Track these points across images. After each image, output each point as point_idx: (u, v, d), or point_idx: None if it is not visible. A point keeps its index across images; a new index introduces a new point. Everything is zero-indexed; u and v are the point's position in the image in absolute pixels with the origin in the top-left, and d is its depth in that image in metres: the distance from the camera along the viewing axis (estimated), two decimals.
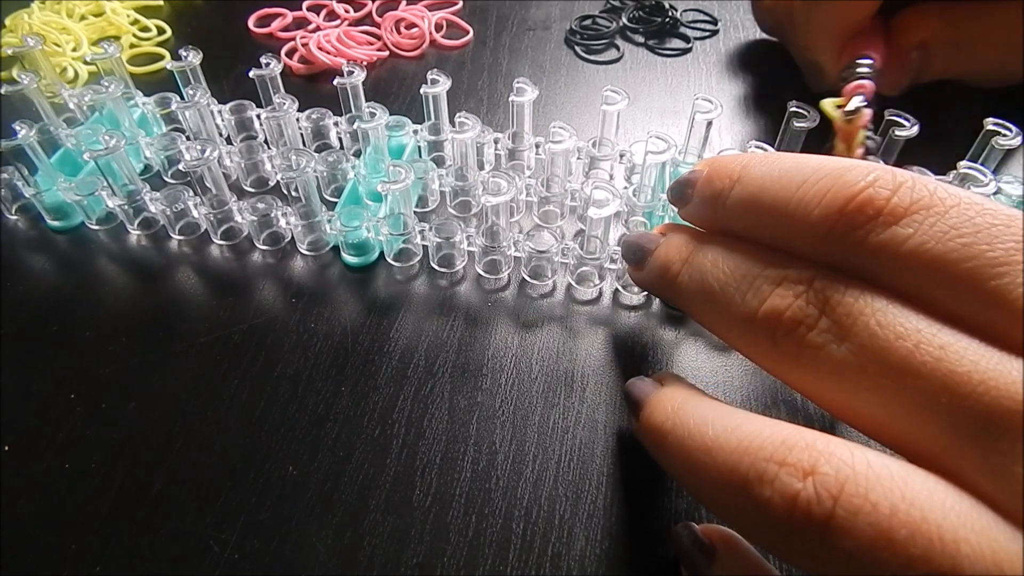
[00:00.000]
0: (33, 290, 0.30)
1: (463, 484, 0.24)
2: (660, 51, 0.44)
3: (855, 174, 0.17)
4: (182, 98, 0.34)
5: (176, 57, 0.35)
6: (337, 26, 0.45)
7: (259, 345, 0.28)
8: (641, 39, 0.44)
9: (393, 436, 0.25)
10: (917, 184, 0.17)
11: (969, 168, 0.29)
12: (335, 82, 0.33)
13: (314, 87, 0.41)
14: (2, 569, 0.22)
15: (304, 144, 0.35)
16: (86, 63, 0.41)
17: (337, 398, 0.26)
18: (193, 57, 0.34)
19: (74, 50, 0.42)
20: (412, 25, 0.45)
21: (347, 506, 0.23)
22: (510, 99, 0.32)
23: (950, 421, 0.14)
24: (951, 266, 0.15)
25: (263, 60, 0.34)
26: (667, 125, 0.38)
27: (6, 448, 0.25)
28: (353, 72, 0.33)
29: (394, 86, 0.41)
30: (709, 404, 0.19)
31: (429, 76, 0.32)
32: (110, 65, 0.35)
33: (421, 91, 0.32)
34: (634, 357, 0.27)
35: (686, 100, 0.40)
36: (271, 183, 0.34)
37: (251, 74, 0.34)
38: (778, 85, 0.40)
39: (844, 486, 0.14)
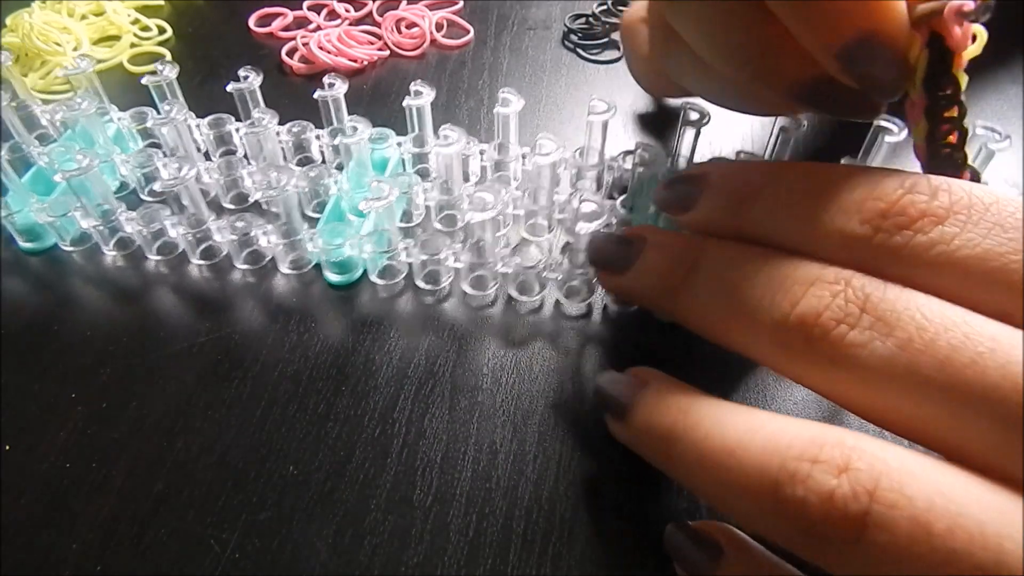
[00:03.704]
0: (27, 298, 0.30)
1: (464, 484, 0.23)
2: None
3: (892, 181, 0.17)
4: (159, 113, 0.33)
5: (178, 62, 0.34)
6: (338, 26, 0.45)
7: (259, 345, 0.28)
8: None
9: (394, 435, 0.25)
10: (953, 185, 0.17)
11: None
12: (316, 95, 0.32)
13: (314, 87, 0.41)
14: (2, 569, 0.22)
15: (285, 157, 0.34)
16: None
17: (338, 397, 0.26)
18: (169, 71, 0.33)
19: (75, 50, 0.42)
20: (413, 25, 0.45)
21: (348, 506, 0.23)
22: (495, 110, 0.31)
23: (1006, 415, 0.14)
24: (998, 259, 0.15)
25: (241, 73, 0.33)
26: (670, 126, 0.38)
27: (6, 448, 0.25)
28: (334, 84, 0.33)
29: (395, 86, 0.41)
30: (719, 404, 0.18)
31: (412, 87, 0.32)
32: (83, 80, 0.34)
33: (404, 103, 0.31)
34: (630, 361, 0.27)
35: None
36: (251, 199, 0.34)
37: (229, 88, 0.33)
38: None
39: (879, 481, 0.14)
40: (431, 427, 0.25)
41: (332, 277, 0.30)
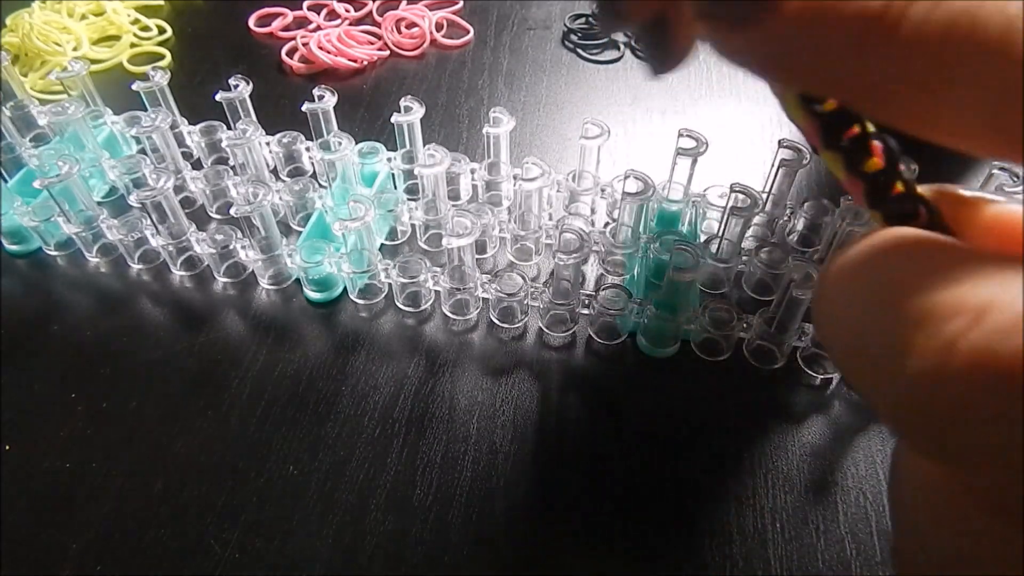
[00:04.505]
0: (20, 300, 0.30)
1: (463, 484, 0.24)
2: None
3: None
4: None
5: (178, 62, 0.34)
6: (338, 26, 0.45)
7: (260, 345, 0.28)
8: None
9: (394, 436, 0.25)
10: None
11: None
12: (304, 107, 0.32)
13: (314, 87, 0.41)
14: (2, 569, 0.22)
15: (277, 168, 0.34)
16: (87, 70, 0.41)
17: (338, 397, 0.26)
18: (160, 78, 0.33)
19: (75, 49, 0.43)
20: (413, 24, 0.45)
21: (347, 505, 0.23)
22: (484, 131, 0.30)
23: None
24: None
25: (232, 82, 0.33)
26: (667, 126, 0.38)
27: (6, 448, 0.25)
28: (324, 96, 0.32)
29: (395, 86, 0.41)
30: None
31: (402, 103, 0.31)
32: (77, 83, 0.33)
33: (392, 119, 0.31)
34: (628, 374, 0.27)
35: (687, 100, 0.40)
36: (231, 212, 0.32)
37: (218, 97, 0.33)
38: None
39: None
40: (431, 427, 0.25)
41: (311, 294, 0.29)
